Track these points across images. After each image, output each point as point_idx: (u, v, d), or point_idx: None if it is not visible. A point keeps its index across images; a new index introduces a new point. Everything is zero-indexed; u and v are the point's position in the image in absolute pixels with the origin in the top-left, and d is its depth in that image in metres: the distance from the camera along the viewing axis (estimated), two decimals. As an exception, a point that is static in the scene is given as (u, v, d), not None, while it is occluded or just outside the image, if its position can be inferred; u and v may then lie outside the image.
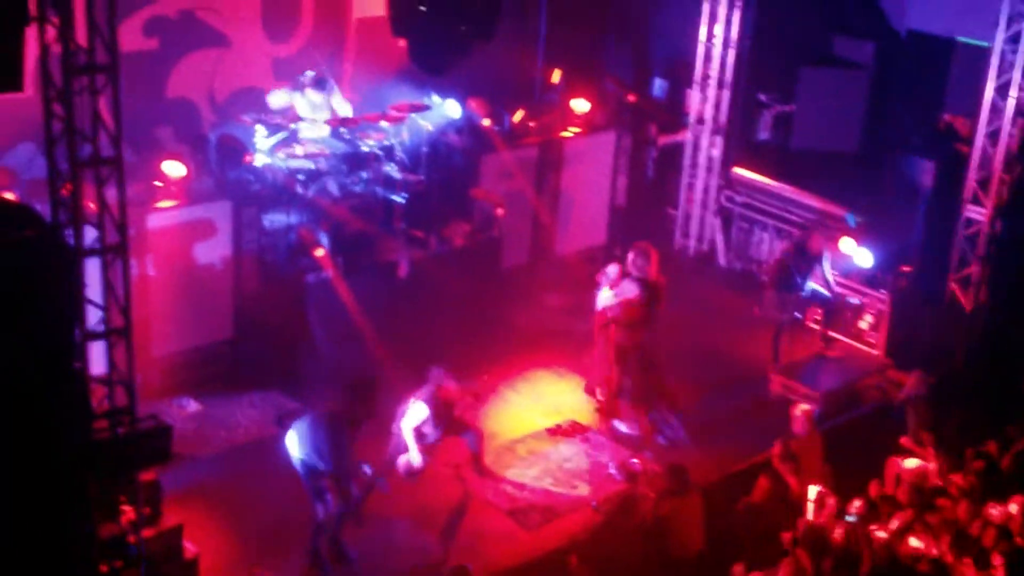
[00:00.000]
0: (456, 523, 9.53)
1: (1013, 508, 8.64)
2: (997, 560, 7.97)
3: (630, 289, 10.95)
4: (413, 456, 9.40)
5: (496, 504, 10.05)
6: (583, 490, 10.30)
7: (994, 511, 8.55)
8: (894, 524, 8.39)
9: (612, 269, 11.20)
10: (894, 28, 15.94)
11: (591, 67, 15.00)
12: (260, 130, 11.62)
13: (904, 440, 10.28)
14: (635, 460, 10.42)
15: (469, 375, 10.04)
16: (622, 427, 11.09)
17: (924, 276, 13.04)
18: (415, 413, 9.37)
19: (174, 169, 10.76)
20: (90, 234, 6.86)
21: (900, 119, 14.93)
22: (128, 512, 7.23)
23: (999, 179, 12.42)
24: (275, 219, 11.60)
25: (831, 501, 8.83)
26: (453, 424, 9.69)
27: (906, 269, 12.98)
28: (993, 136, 12.41)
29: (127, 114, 6.86)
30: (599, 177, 14.00)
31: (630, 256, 11.06)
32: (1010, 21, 12.12)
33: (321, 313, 11.22)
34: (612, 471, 10.47)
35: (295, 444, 8.75)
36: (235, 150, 11.24)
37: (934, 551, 8.16)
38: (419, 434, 9.42)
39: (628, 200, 14.42)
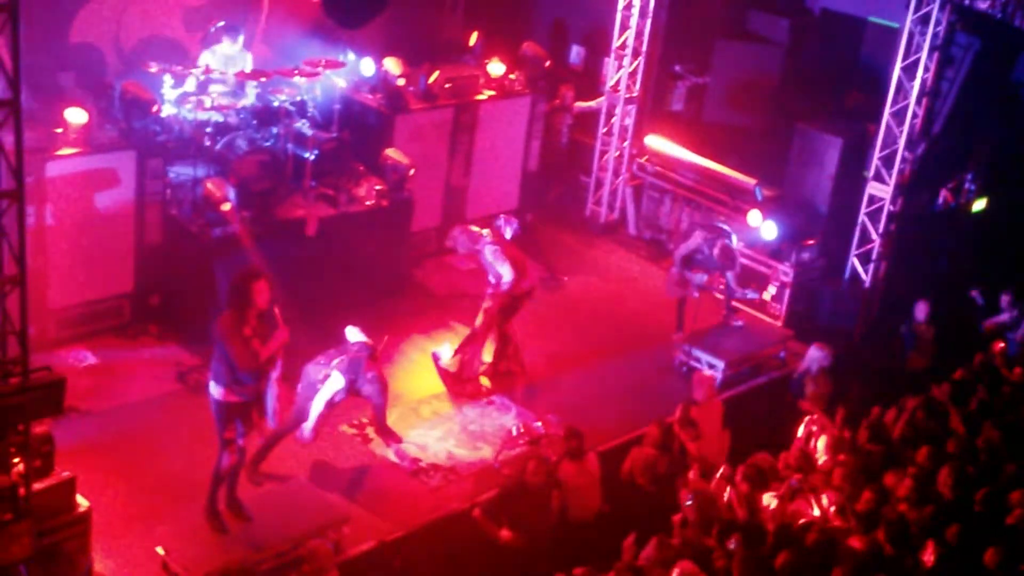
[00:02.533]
0: (360, 484, 9.52)
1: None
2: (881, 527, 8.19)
3: (493, 252, 10.95)
4: (308, 427, 9.36)
5: (399, 465, 10.06)
6: (486, 452, 10.35)
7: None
8: (782, 489, 8.58)
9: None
10: (808, 6, 16.19)
11: (509, 31, 14.95)
12: (167, 80, 11.37)
13: (805, 404, 10.50)
14: (538, 423, 10.53)
15: (373, 336, 10.00)
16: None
17: (827, 250, 13.32)
18: (332, 384, 9.31)
19: (76, 116, 10.47)
20: (-16, 179, 6.66)
21: (810, 95, 15.19)
22: (19, 464, 7.07)
23: (902, 157, 12.70)
24: (181, 171, 11.39)
25: (722, 468, 9.01)
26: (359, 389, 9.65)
27: (810, 243, 13.23)
28: (898, 115, 12.68)
29: (28, 57, 6.66)
30: (513, 141, 13.98)
31: (457, 240, 11.09)
32: (919, 3, 12.36)
33: (226, 269, 11.05)
34: (515, 434, 10.54)
35: None
36: (141, 99, 10.96)
37: (816, 514, 8.37)
38: (330, 403, 9.38)
39: (541, 166, 14.44)
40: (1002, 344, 11.63)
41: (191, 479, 9.06)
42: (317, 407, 9.33)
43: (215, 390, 8.42)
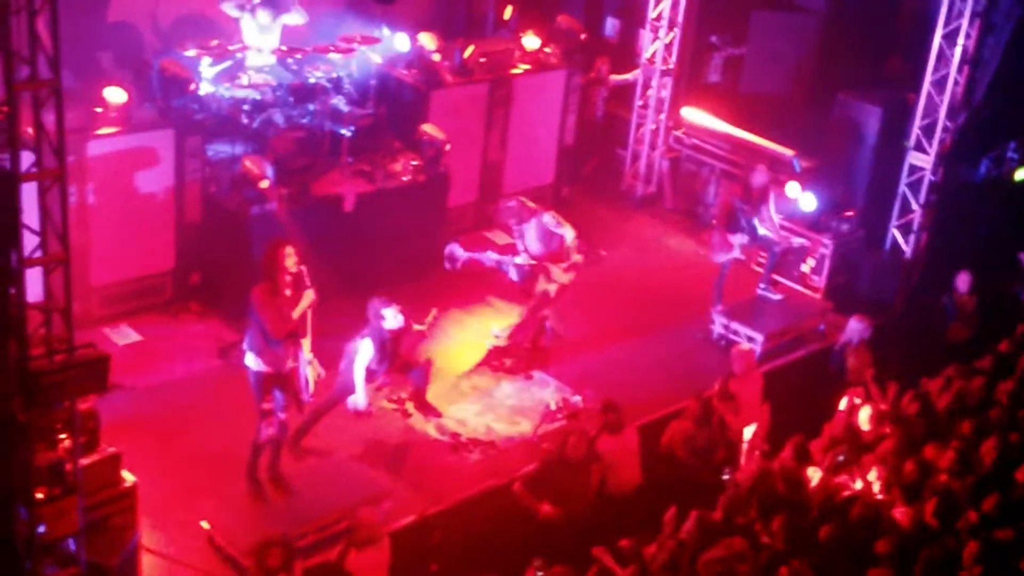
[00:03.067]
0: (400, 458, 9.58)
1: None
2: (929, 500, 8.14)
3: (554, 215, 10.97)
4: (360, 398, 9.41)
5: (439, 440, 10.11)
6: (525, 427, 10.37)
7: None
8: (827, 462, 8.55)
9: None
10: (846, -27, 15.98)
11: (543, 4, 14.86)
12: (205, 58, 11.41)
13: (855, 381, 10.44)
14: (577, 397, 10.54)
15: (414, 310, 10.06)
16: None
17: (867, 221, 13.19)
18: (363, 352, 9.36)
19: (115, 95, 10.54)
20: (27, 159, 6.71)
21: (849, 64, 15.01)
22: (65, 440, 7.17)
23: (943, 127, 12.54)
24: (219, 149, 11.45)
25: (763, 444, 9.01)
26: (399, 359, 9.69)
27: (850, 214, 13.11)
28: (939, 84, 12.51)
29: (67, 37, 6.68)
30: (548, 115, 13.92)
31: (507, 213, 11.06)
32: (960, -30, 12.16)
33: (265, 245, 11.10)
34: (553, 408, 10.56)
35: None
36: (179, 78, 11.01)
37: (860, 487, 8.33)
38: (369, 373, 9.42)
39: (577, 139, 14.37)
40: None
41: (234, 453, 9.15)
42: (359, 378, 9.40)
43: (251, 360, 8.60)
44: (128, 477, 7.81)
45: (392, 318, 9.42)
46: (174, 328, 11.05)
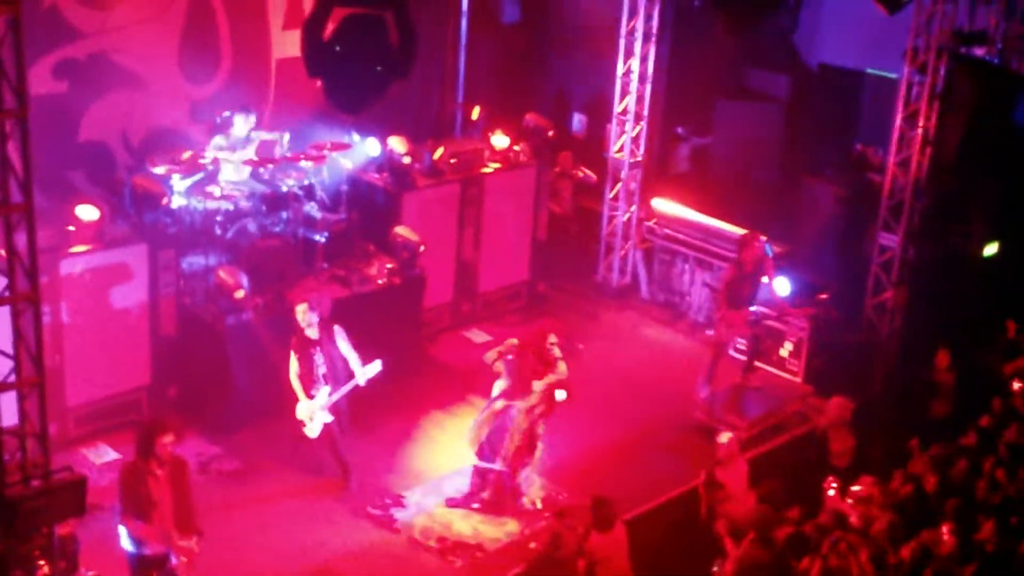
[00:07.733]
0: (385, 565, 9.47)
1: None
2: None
3: None
4: (303, 408, 9.98)
5: (424, 543, 9.97)
6: (511, 526, 10.26)
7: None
8: (823, 548, 8.44)
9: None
10: (806, 61, 16.33)
11: (511, 103, 15.08)
12: (176, 173, 11.47)
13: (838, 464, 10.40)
14: (563, 495, 10.44)
15: (395, 413, 10.02)
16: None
17: (842, 303, 13.26)
18: (292, 364, 10.13)
19: (87, 213, 10.57)
20: (-1, 282, 6.70)
21: (814, 149, 15.25)
22: (44, 567, 7.02)
23: (910, 206, 12.70)
24: (193, 261, 11.46)
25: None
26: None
27: (824, 296, 13.19)
28: (903, 164, 12.71)
29: (38, 158, 6.72)
30: (521, 212, 14.03)
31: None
32: (916, 53, 12.43)
33: (242, 356, 11.07)
34: (540, 506, 10.45)
35: None
36: (151, 193, 11.07)
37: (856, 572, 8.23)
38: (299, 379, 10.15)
39: (549, 235, 14.46)
40: (1020, 384, 11.51)
41: (220, 571, 8.98)
42: (296, 387, 10.10)
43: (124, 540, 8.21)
44: (109, 601, 7.66)
45: (301, 313, 10.08)
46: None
